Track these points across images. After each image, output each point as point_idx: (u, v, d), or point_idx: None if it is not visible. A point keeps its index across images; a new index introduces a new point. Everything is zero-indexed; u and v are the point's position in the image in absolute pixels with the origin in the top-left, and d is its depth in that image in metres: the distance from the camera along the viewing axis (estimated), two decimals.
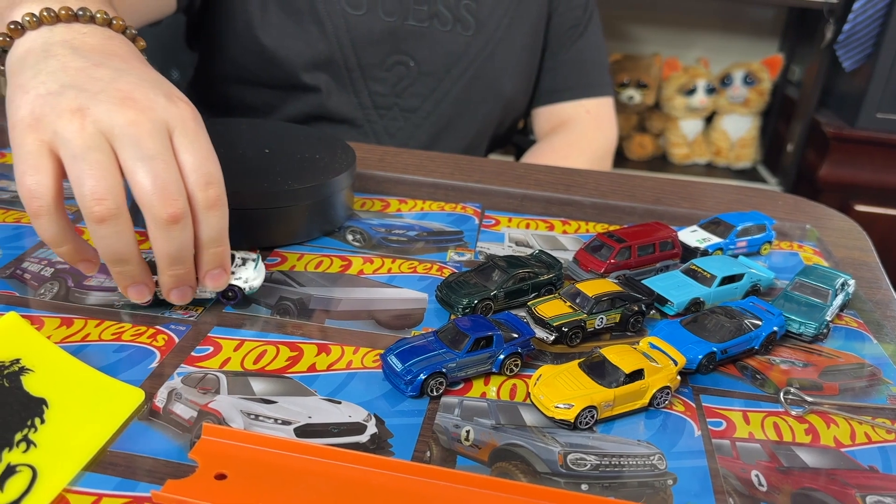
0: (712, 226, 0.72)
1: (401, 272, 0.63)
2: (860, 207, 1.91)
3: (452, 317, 0.57)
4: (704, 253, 0.68)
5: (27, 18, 0.51)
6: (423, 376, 0.47)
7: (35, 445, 0.39)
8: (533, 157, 1.07)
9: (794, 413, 0.50)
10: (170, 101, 0.50)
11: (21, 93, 0.48)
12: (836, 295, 0.61)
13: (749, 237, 0.71)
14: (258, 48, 0.95)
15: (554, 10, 1.07)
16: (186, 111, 0.50)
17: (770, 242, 0.72)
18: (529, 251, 0.68)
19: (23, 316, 0.46)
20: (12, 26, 0.52)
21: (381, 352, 0.51)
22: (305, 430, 0.44)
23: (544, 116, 1.13)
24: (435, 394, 0.48)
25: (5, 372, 0.41)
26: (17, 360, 0.42)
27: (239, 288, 0.55)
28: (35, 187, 0.46)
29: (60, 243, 0.49)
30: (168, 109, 0.49)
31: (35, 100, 0.47)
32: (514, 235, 0.72)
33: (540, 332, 0.55)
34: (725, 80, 2.21)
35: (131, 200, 0.48)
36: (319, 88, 0.97)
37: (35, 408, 0.41)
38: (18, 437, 0.39)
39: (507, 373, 0.51)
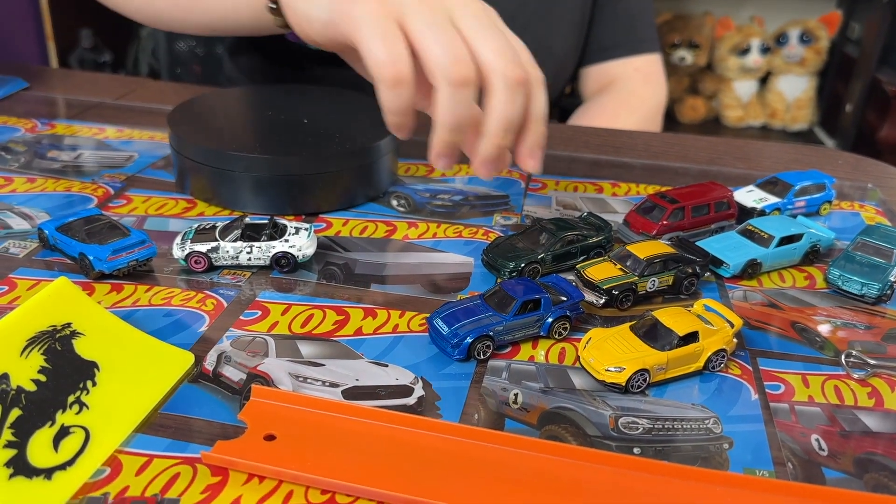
0: (769, 185, 0.69)
1: (446, 237, 0.62)
2: None
3: (499, 280, 0.56)
4: (762, 213, 0.66)
5: None
6: (469, 339, 0.47)
7: (87, 407, 0.40)
8: (582, 117, 1.04)
9: (855, 376, 0.48)
10: None
11: None
12: None
13: (808, 196, 0.68)
14: None
15: None
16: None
17: (830, 202, 0.70)
18: (577, 214, 0.67)
19: (74, 283, 0.47)
20: None
21: (428, 315, 0.50)
22: (353, 393, 0.44)
23: (593, 76, 1.10)
24: (482, 357, 0.47)
25: (57, 336, 0.42)
26: (69, 325, 0.43)
27: (292, 255, 0.55)
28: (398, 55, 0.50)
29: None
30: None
31: None
32: (561, 198, 0.71)
33: (589, 296, 0.54)
34: (781, 39, 2.13)
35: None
36: None
37: (87, 371, 0.41)
38: (71, 399, 0.40)
39: (556, 336, 0.50)
